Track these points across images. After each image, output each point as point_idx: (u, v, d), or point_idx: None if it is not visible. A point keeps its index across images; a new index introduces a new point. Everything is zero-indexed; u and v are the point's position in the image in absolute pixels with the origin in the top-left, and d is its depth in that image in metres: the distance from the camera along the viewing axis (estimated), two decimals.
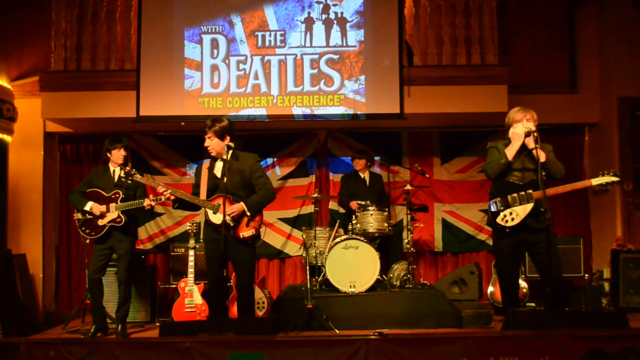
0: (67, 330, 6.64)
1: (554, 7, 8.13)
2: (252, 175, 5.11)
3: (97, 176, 6.05)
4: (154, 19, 7.34)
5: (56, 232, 8.11)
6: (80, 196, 5.96)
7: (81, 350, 3.61)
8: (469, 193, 8.07)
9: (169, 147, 8.15)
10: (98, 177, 6.05)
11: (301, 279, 7.91)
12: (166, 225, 8.00)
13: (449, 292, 7.06)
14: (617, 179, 4.97)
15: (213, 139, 5.10)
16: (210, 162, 5.23)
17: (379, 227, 6.77)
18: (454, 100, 7.22)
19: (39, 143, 7.86)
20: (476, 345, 3.57)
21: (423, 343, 3.66)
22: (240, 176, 5.07)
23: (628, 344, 3.46)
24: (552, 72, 8.08)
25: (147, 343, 4.01)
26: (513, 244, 4.98)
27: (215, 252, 4.92)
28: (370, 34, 7.31)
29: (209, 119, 5.19)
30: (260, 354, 3.57)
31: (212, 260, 5.03)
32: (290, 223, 8.06)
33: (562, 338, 3.56)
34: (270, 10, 7.36)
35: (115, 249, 5.94)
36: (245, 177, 5.09)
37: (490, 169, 5.07)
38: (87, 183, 6.06)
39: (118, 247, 5.93)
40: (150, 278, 7.05)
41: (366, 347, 3.52)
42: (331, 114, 7.26)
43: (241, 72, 7.31)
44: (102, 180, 6.02)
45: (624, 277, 7.12)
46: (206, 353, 3.54)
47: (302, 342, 3.79)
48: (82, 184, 6.11)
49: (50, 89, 7.32)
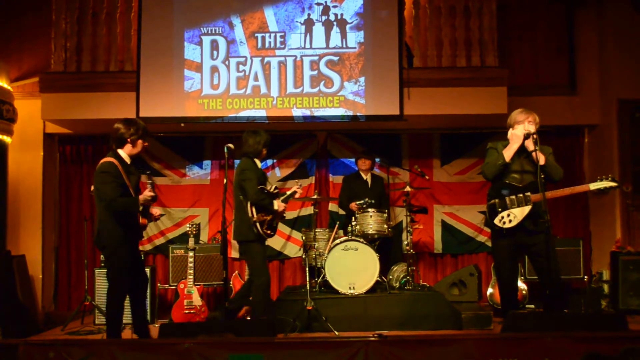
0: (66, 331, 6.66)
1: (553, 9, 8.12)
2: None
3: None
4: (154, 20, 7.34)
5: (55, 233, 8.11)
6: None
7: (80, 351, 3.60)
8: (469, 195, 8.07)
9: (169, 148, 8.16)
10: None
11: (301, 280, 7.91)
12: (165, 227, 8.00)
13: (448, 293, 7.06)
14: (615, 184, 4.98)
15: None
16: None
17: (378, 228, 6.77)
18: (454, 102, 7.22)
19: (39, 144, 7.86)
20: (475, 347, 3.57)
21: (423, 345, 3.65)
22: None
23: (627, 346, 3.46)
24: (552, 74, 8.08)
25: (146, 344, 4.01)
26: (511, 246, 4.99)
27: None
28: (370, 36, 7.31)
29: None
30: (259, 355, 3.56)
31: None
32: (290, 224, 8.06)
33: (561, 340, 3.56)
34: (270, 11, 7.36)
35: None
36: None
37: (487, 169, 5.09)
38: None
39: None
40: (150, 279, 7.04)
41: (366, 349, 3.52)
42: (331, 115, 7.26)
43: (241, 73, 7.31)
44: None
45: (623, 279, 7.12)
46: (205, 354, 3.54)
47: (301, 344, 3.79)
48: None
49: (50, 90, 7.32)
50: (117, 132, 5.07)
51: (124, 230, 4.98)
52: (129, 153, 5.12)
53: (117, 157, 5.03)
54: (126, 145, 5.09)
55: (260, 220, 5.63)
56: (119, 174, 4.95)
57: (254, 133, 5.94)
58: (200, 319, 6.52)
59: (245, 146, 5.93)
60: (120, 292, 5.05)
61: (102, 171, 4.90)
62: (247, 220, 5.66)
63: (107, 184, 4.87)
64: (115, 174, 4.93)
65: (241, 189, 5.76)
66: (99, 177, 4.90)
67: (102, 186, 4.88)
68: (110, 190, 4.86)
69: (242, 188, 5.75)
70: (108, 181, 4.88)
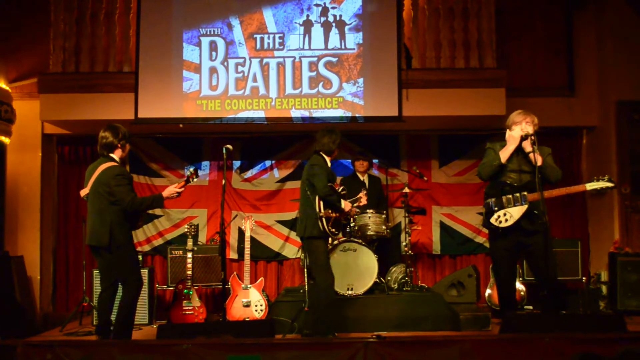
0: (65, 332, 6.65)
1: (552, 11, 8.13)
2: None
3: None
4: (153, 21, 7.33)
5: (54, 234, 8.10)
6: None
7: (78, 352, 3.60)
8: (467, 196, 8.08)
9: (167, 149, 8.15)
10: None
11: (299, 281, 7.90)
12: (164, 228, 7.99)
13: (446, 295, 7.05)
14: (611, 184, 5.00)
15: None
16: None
17: (377, 229, 6.78)
18: (452, 103, 7.23)
19: (37, 145, 7.85)
20: (474, 348, 3.57)
21: (421, 346, 3.66)
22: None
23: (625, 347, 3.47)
24: (550, 75, 8.09)
25: (144, 345, 4.00)
26: (509, 246, 5.00)
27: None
28: (368, 37, 7.32)
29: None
30: (257, 356, 3.56)
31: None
32: (288, 225, 8.05)
33: (559, 341, 3.56)
34: (269, 12, 7.36)
35: None
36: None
37: (483, 170, 5.11)
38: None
39: None
40: (148, 280, 7.04)
41: (364, 350, 3.52)
42: (329, 116, 7.26)
43: (240, 74, 7.31)
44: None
45: (621, 280, 7.13)
46: (204, 356, 3.54)
47: (299, 345, 3.80)
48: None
49: (48, 91, 7.31)
50: (106, 139, 5.24)
51: (130, 228, 5.23)
52: (119, 157, 5.29)
53: (115, 162, 5.23)
54: (116, 150, 5.27)
55: (327, 216, 5.59)
56: (130, 178, 5.25)
57: (329, 132, 5.87)
58: (199, 320, 6.51)
59: (319, 144, 5.86)
60: (140, 289, 5.28)
61: (117, 174, 5.09)
62: (313, 216, 5.58)
63: (123, 186, 5.07)
64: (128, 176, 5.21)
65: (309, 183, 5.68)
66: (113, 180, 5.06)
67: (118, 188, 5.05)
68: (127, 191, 5.08)
69: (311, 183, 5.66)
70: (124, 183, 5.09)
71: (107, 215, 5.07)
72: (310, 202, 5.63)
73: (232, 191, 8.07)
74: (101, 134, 5.26)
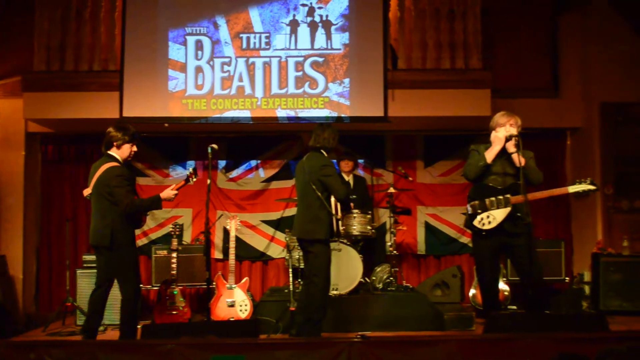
0: (48, 332, 6.60)
1: (537, 13, 8.17)
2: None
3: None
4: (138, 20, 7.29)
5: (37, 233, 8.03)
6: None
7: (61, 352, 3.57)
8: (452, 196, 8.10)
9: (152, 148, 8.09)
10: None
11: (284, 281, 7.90)
12: (148, 227, 7.93)
13: (431, 295, 7.08)
14: (594, 187, 5.04)
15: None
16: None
17: (362, 229, 6.79)
18: (438, 103, 7.25)
19: (21, 143, 7.79)
20: (458, 348, 3.58)
21: (405, 346, 3.67)
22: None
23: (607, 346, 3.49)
24: (535, 77, 8.13)
25: (128, 345, 3.98)
26: (492, 247, 5.03)
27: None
28: (355, 37, 7.33)
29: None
30: (242, 356, 3.55)
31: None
32: (274, 225, 8.05)
33: (542, 341, 3.59)
34: (255, 12, 7.35)
35: None
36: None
37: (468, 170, 5.14)
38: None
39: None
40: None
41: (349, 350, 3.52)
42: (315, 116, 7.25)
43: (225, 73, 7.30)
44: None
45: (604, 280, 7.19)
46: (188, 356, 3.52)
47: (284, 345, 3.79)
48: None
49: (32, 89, 7.24)
50: (107, 135, 5.21)
51: (134, 228, 5.23)
52: (122, 157, 5.22)
53: (118, 162, 5.17)
54: (118, 149, 5.20)
55: (341, 218, 5.52)
56: (132, 178, 5.21)
57: (328, 126, 5.64)
58: (183, 320, 6.49)
59: (319, 139, 5.57)
60: (139, 289, 5.26)
61: (118, 175, 5.05)
62: (324, 219, 5.40)
63: (122, 187, 5.03)
64: (129, 177, 5.15)
65: (322, 184, 5.41)
66: (114, 180, 5.02)
67: (117, 190, 5.01)
68: (125, 193, 5.02)
69: (323, 184, 5.41)
70: (124, 185, 5.04)
71: (109, 216, 5.05)
72: (320, 203, 5.41)
73: (217, 191, 8.05)
74: (107, 129, 5.23)
